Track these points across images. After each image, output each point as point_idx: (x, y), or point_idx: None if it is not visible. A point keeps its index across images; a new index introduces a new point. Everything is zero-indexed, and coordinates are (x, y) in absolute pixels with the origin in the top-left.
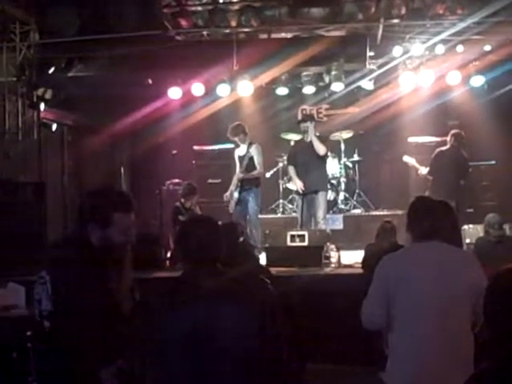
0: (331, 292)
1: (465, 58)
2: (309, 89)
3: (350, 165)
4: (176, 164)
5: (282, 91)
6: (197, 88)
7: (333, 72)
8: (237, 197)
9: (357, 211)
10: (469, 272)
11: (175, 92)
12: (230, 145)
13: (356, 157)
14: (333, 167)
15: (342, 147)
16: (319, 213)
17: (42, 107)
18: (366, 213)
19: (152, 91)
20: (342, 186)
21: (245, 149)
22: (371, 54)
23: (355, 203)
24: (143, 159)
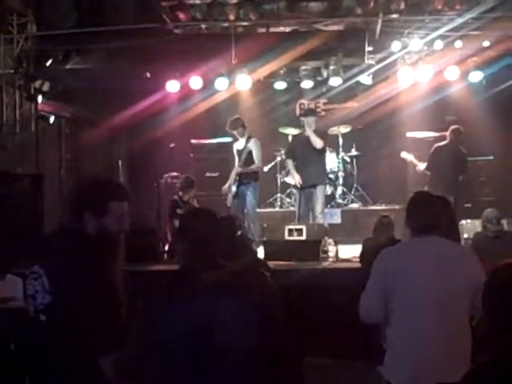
0: (329, 286)
1: (463, 54)
2: (307, 83)
3: (348, 159)
4: (174, 157)
5: (280, 85)
6: (195, 81)
7: (331, 66)
8: (235, 190)
9: (355, 205)
10: (467, 267)
11: (173, 85)
12: (228, 138)
13: (354, 151)
14: (331, 161)
15: (340, 141)
16: (317, 207)
17: (40, 99)
18: (364, 207)
19: (150, 84)
20: (340, 181)
21: (243, 143)
22: (370, 49)
23: (353, 198)
24: (141, 152)
